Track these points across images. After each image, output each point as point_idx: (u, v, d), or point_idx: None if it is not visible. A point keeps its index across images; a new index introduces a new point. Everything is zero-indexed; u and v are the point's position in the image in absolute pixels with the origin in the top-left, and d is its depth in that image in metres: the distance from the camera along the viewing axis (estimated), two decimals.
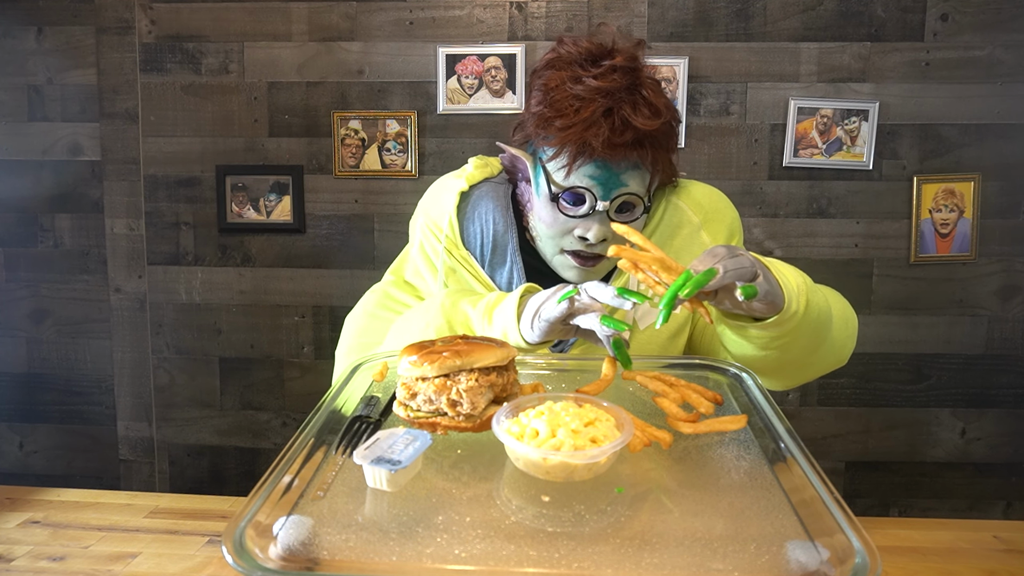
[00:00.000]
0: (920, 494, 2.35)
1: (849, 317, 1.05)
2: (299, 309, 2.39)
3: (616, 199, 0.98)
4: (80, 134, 2.35)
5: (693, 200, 1.10)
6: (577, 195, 0.98)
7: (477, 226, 1.11)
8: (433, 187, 1.17)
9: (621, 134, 0.93)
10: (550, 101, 0.98)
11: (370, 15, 2.25)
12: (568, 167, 0.97)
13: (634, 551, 0.55)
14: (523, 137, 1.07)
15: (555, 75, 0.98)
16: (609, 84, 0.94)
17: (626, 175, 0.98)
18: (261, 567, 0.52)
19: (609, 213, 0.99)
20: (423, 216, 1.15)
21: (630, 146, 0.95)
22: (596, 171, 0.97)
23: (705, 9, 2.19)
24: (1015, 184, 2.22)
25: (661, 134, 0.97)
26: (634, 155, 0.96)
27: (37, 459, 2.51)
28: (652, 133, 0.95)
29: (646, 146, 0.96)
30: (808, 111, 2.19)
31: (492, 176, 1.16)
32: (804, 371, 1.03)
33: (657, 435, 0.71)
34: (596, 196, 0.97)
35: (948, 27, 2.16)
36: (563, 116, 0.95)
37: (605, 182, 0.97)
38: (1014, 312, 2.27)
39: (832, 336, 1.00)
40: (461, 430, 0.72)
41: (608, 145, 0.93)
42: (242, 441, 2.45)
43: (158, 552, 1.47)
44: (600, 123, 0.93)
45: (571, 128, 0.94)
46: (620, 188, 0.98)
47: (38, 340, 2.46)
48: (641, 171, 0.98)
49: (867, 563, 0.50)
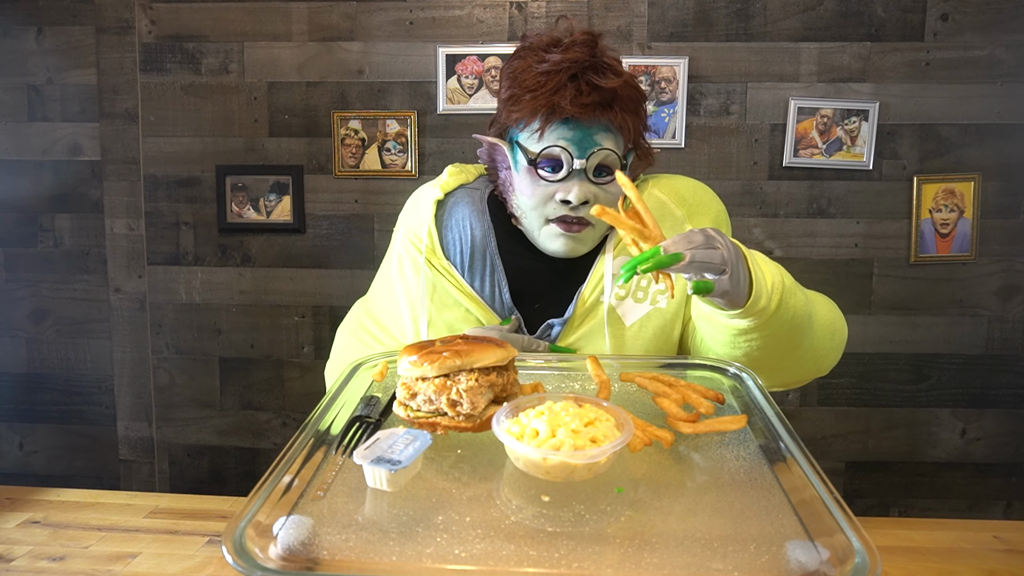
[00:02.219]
0: (920, 494, 2.35)
1: (838, 329, 1.05)
2: (299, 309, 2.39)
3: (592, 156, 1.00)
4: (80, 134, 2.35)
5: (676, 194, 1.12)
6: (554, 160, 1.00)
7: (456, 233, 1.12)
8: (411, 199, 1.19)
9: (588, 95, 0.97)
10: (519, 83, 1.02)
11: (370, 15, 2.25)
12: (541, 130, 1.00)
13: (634, 551, 0.55)
14: (497, 128, 1.09)
15: (521, 63, 1.03)
16: (572, 55, 0.99)
17: (599, 135, 1.00)
18: (261, 567, 0.52)
19: (588, 174, 1.00)
20: (403, 227, 1.17)
21: (598, 106, 0.98)
22: (568, 131, 1.00)
23: (705, 9, 2.19)
24: (1015, 184, 2.22)
25: (627, 97, 1.00)
26: (604, 117, 0.99)
27: (37, 459, 2.51)
28: (618, 94, 0.99)
29: (615, 108, 0.99)
30: (808, 111, 2.19)
31: (467, 182, 1.18)
32: (777, 375, 1.01)
33: (657, 435, 0.71)
34: (572, 155, 0.99)
35: (948, 27, 2.16)
36: (532, 90, 0.99)
37: (579, 141, 1.00)
38: (1014, 312, 2.27)
39: (813, 343, 0.99)
40: (461, 430, 0.72)
41: (576, 104, 0.97)
42: (242, 441, 2.45)
43: (158, 552, 1.47)
44: (567, 86, 0.97)
45: (539, 96, 0.98)
46: (595, 146, 1.00)
47: (38, 340, 2.46)
48: (613, 133, 1.01)
49: (867, 563, 0.50)
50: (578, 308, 1.07)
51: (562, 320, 1.07)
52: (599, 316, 1.07)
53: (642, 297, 1.08)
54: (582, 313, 1.07)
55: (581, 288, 1.08)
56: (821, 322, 1.00)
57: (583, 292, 1.08)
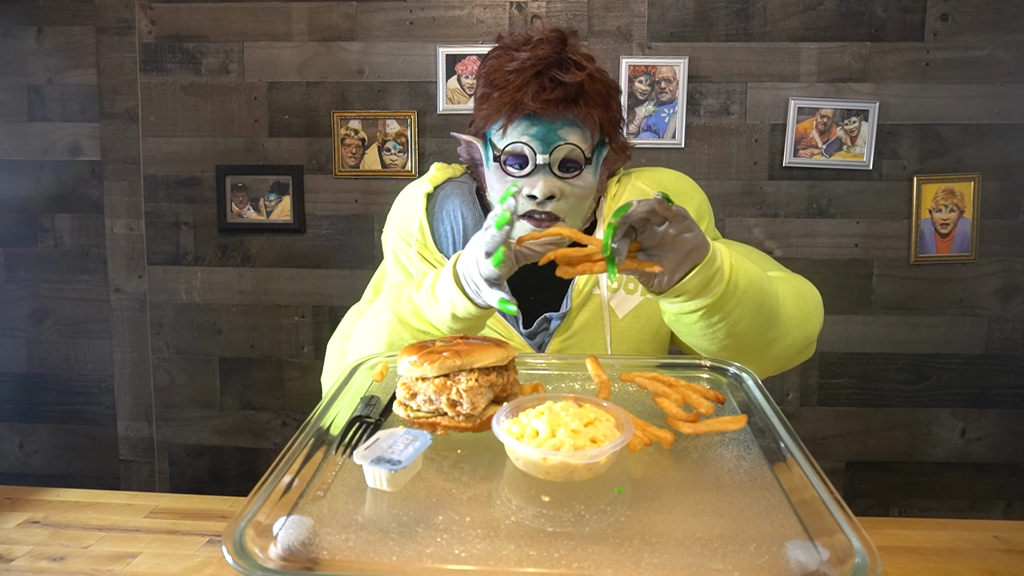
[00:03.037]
0: (920, 494, 2.35)
1: (807, 294, 1.06)
2: (299, 309, 2.39)
3: (555, 150, 1.00)
4: (80, 134, 2.35)
5: (659, 184, 1.13)
6: (519, 156, 1.01)
7: (447, 224, 1.13)
8: (399, 198, 1.20)
9: (551, 91, 0.98)
10: (489, 82, 1.03)
11: (370, 15, 2.25)
12: (504, 127, 1.01)
13: (634, 551, 0.55)
14: (475, 128, 1.11)
15: (493, 62, 1.04)
16: (538, 52, 1.00)
17: (563, 130, 1.01)
18: (261, 567, 0.52)
19: (553, 169, 1.01)
20: (393, 226, 1.18)
21: (562, 102, 0.99)
22: (531, 127, 1.00)
23: (705, 9, 2.19)
24: (1015, 184, 2.22)
25: (594, 91, 1.01)
26: (569, 113, 1.00)
27: (37, 459, 2.51)
28: (584, 89, 1.00)
29: (580, 103, 1.00)
30: (808, 111, 2.19)
31: (455, 176, 1.19)
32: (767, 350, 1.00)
33: (658, 435, 0.71)
34: (535, 150, 1.00)
35: (948, 27, 2.16)
36: (499, 88, 1.01)
37: (543, 137, 1.00)
38: (1014, 312, 2.27)
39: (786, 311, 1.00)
40: (461, 430, 0.72)
41: (538, 100, 0.98)
42: (242, 441, 2.45)
43: (158, 552, 1.47)
44: (531, 83, 0.99)
45: (505, 94, 1.00)
46: (558, 141, 1.00)
47: (38, 340, 2.46)
48: (579, 128, 1.02)
49: (867, 563, 0.50)
50: (574, 300, 1.08)
51: (559, 314, 1.08)
52: (594, 309, 1.09)
53: (633, 288, 1.10)
54: (578, 305, 1.08)
55: (574, 281, 1.09)
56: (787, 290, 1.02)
57: (577, 284, 1.09)
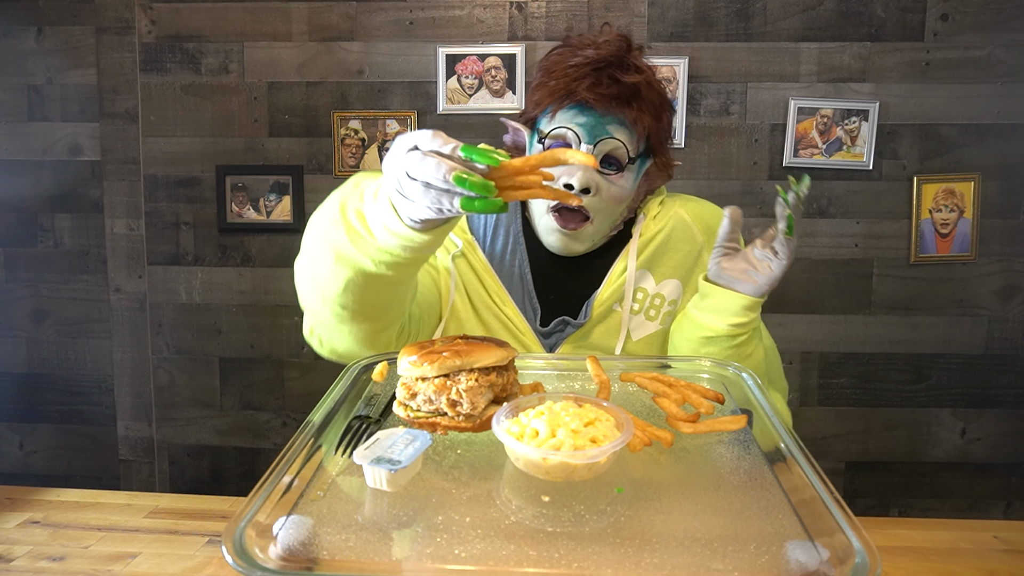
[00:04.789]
0: (920, 494, 2.35)
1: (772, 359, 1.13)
2: (299, 309, 2.38)
3: (600, 143, 1.00)
4: (80, 134, 2.35)
5: (701, 219, 1.13)
6: (563, 145, 1.02)
7: None
8: None
9: (607, 87, 0.99)
10: (547, 72, 1.03)
11: (370, 15, 2.25)
12: (554, 111, 1.02)
13: (634, 551, 0.55)
14: (524, 118, 1.11)
15: (556, 57, 1.04)
16: (602, 52, 1.00)
17: (612, 126, 1.01)
18: (261, 567, 0.52)
19: None
20: None
21: (616, 100, 0.99)
22: (580, 116, 1.01)
23: (705, 9, 2.19)
24: (1015, 184, 2.22)
25: (648, 98, 1.02)
26: (620, 112, 1.00)
27: (37, 459, 2.51)
28: (638, 91, 1.00)
29: (633, 105, 1.00)
30: (808, 111, 2.19)
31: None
32: None
33: (657, 435, 0.71)
34: (580, 138, 1.00)
35: (948, 27, 2.16)
36: (556, 78, 1.01)
37: (590, 128, 1.01)
38: (1014, 312, 2.27)
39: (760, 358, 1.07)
40: (461, 430, 0.72)
41: (593, 92, 0.98)
42: (242, 441, 2.45)
43: (158, 552, 1.47)
44: (588, 76, 0.99)
45: (560, 82, 1.00)
46: (604, 135, 1.00)
47: (38, 340, 2.46)
48: (628, 129, 1.02)
49: (867, 563, 0.50)
50: (594, 311, 1.07)
51: (577, 323, 1.07)
52: (611, 325, 1.08)
53: (654, 315, 1.09)
54: (598, 317, 1.08)
55: (597, 292, 1.08)
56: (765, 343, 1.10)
57: (600, 294, 1.08)
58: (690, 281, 1.11)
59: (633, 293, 1.08)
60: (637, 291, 1.08)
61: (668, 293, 1.09)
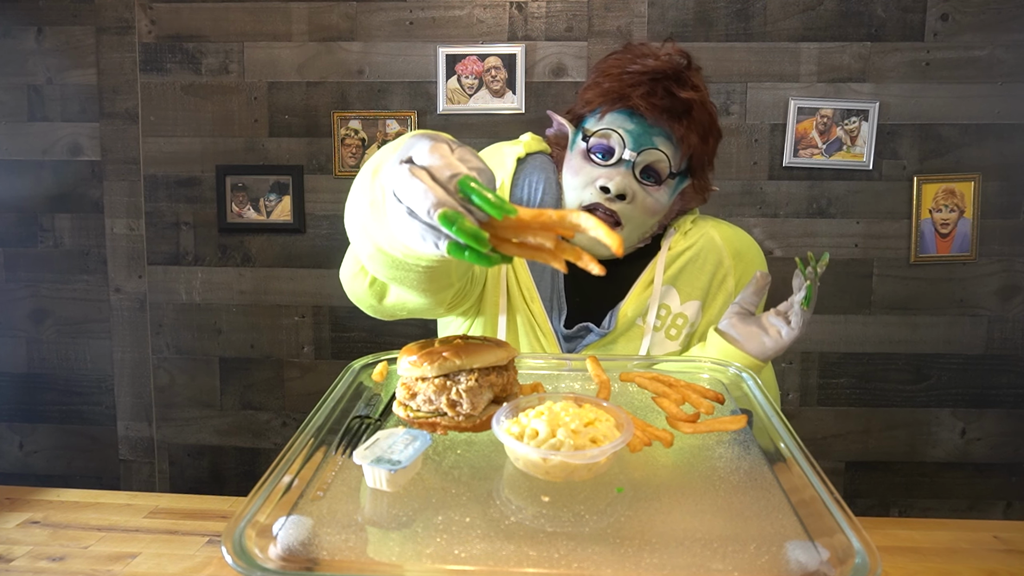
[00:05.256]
0: (920, 494, 2.35)
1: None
2: (299, 309, 2.39)
3: (644, 152, 1.00)
4: (80, 134, 2.35)
5: (732, 246, 1.13)
6: (606, 145, 1.01)
7: (525, 192, 1.10)
8: (488, 150, 1.16)
9: (661, 98, 0.98)
10: (603, 73, 1.03)
11: (370, 15, 2.25)
12: (604, 112, 1.01)
13: (634, 551, 0.55)
14: (570, 115, 1.10)
15: (615, 59, 1.04)
16: (661, 65, 1.00)
17: (658, 138, 1.01)
18: (261, 567, 0.52)
19: (635, 170, 1.01)
20: None
21: (667, 113, 0.99)
22: (629, 122, 1.01)
23: (705, 9, 2.19)
24: (1015, 184, 2.22)
25: (699, 118, 1.01)
26: (668, 124, 1.00)
27: (37, 459, 2.51)
28: (690, 109, 1.00)
29: (683, 122, 1.00)
30: (808, 111, 2.19)
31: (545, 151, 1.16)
32: None
33: (657, 435, 0.71)
34: (625, 143, 1.00)
35: (948, 27, 2.16)
36: (611, 80, 1.01)
37: (637, 135, 1.00)
38: (1014, 312, 2.27)
39: None
40: (461, 430, 0.72)
41: (645, 100, 0.98)
42: (242, 441, 2.45)
43: (158, 552, 1.47)
44: (644, 84, 0.99)
45: (615, 85, 1.00)
46: (649, 145, 1.00)
47: (38, 340, 2.46)
48: (673, 144, 1.02)
49: (867, 563, 0.50)
50: (619, 322, 1.07)
51: (601, 332, 1.07)
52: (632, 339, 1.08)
53: (674, 334, 1.09)
54: (622, 328, 1.08)
55: (622, 303, 1.08)
56: None
57: (624, 305, 1.08)
58: (710, 305, 1.11)
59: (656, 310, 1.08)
60: (661, 307, 1.08)
61: (691, 315, 1.10)
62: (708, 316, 1.11)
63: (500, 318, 1.08)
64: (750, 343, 0.99)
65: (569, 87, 2.24)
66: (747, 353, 0.99)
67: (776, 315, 1.00)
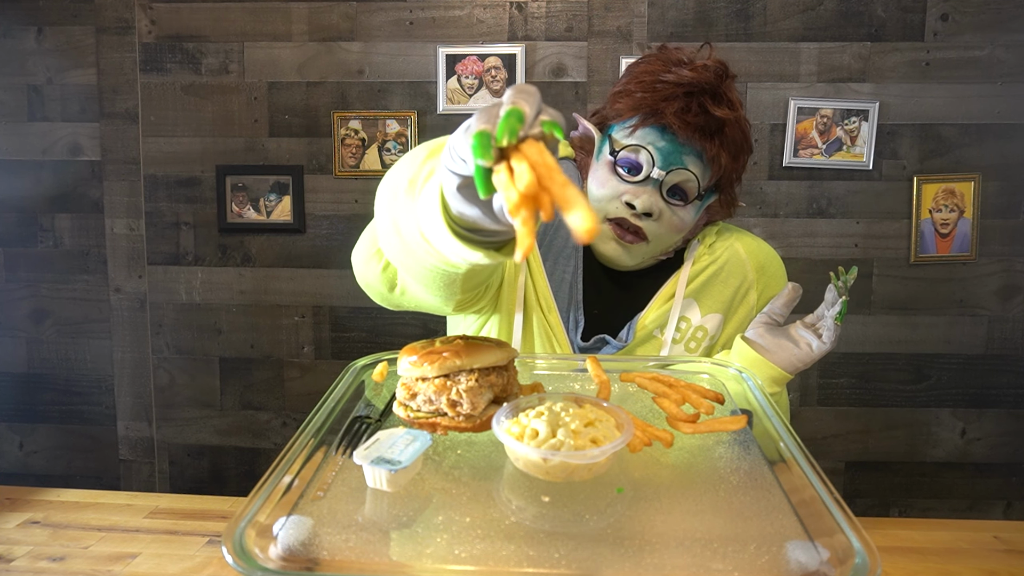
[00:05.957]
0: (920, 494, 2.35)
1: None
2: (299, 309, 2.39)
3: (672, 172, 0.98)
4: (80, 134, 2.35)
5: (756, 259, 1.12)
6: (635, 161, 0.99)
7: None
8: None
9: (695, 115, 0.95)
10: (636, 80, 1.00)
11: (370, 15, 2.25)
12: (635, 127, 0.98)
13: (634, 551, 0.55)
14: (597, 119, 1.08)
15: (648, 66, 1.01)
16: (698, 76, 0.96)
17: (688, 157, 0.99)
18: (261, 567, 0.52)
19: (662, 188, 0.99)
20: None
21: (700, 131, 0.96)
22: (660, 139, 0.98)
23: (705, 9, 2.19)
24: (1015, 184, 2.22)
25: (732, 137, 0.99)
26: (700, 143, 0.97)
27: (37, 459, 2.51)
28: (723, 127, 0.97)
29: (715, 140, 0.97)
30: (808, 111, 2.19)
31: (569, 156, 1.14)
32: None
33: (657, 435, 0.71)
34: (654, 161, 0.98)
35: (948, 27, 2.16)
36: (645, 90, 0.98)
37: (667, 154, 0.98)
38: (1014, 312, 2.27)
39: None
40: (461, 430, 0.72)
41: (679, 118, 0.95)
42: (242, 441, 2.45)
43: (158, 552, 1.47)
44: (679, 99, 0.96)
45: (648, 97, 0.97)
46: (679, 164, 0.98)
47: (38, 340, 2.46)
48: (703, 163, 0.99)
49: (867, 563, 0.50)
50: (637, 333, 1.06)
51: (618, 344, 1.06)
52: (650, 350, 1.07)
53: (694, 347, 1.08)
54: (640, 339, 1.07)
55: (641, 314, 1.07)
56: None
57: (644, 317, 1.07)
58: (731, 317, 1.11)
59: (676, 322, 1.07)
60: (681, 320, 1.07)
61: (711, 328, 1.09)
62: (728, 330, 1.11)
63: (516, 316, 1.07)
64: (779, 354, 0.99)
65: (569, 87, 2.24)
66: (775, 364, 0.99)
67: (805, 327, 1.00)
